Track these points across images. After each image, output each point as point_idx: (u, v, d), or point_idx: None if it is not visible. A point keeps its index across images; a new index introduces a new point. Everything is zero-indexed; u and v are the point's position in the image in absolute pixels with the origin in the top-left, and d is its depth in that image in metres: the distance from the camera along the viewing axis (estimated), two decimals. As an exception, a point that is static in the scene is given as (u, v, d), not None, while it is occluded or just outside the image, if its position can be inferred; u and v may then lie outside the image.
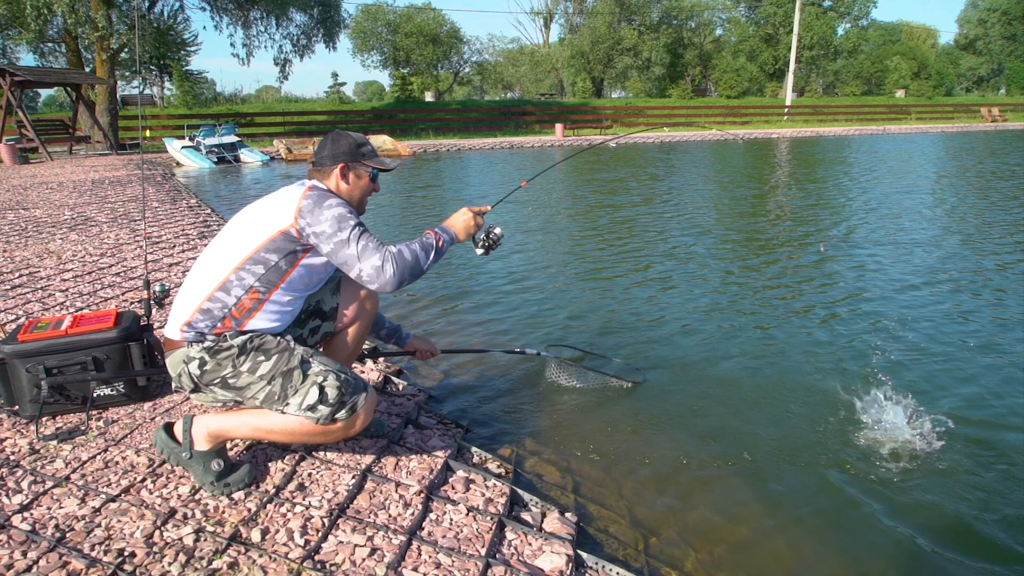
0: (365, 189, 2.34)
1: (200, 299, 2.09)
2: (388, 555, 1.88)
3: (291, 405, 2.05)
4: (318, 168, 2.29)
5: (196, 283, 2.12)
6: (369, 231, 2.12)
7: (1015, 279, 5.55)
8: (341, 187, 2.28)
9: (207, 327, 2.08)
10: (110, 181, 12.55)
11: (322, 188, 2.19)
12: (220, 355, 2.07)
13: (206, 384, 2.10)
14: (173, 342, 2.14)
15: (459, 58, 47.07)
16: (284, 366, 2.08)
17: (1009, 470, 2.70)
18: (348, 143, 2.29)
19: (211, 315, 2.08)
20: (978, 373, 3.61)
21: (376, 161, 2.33)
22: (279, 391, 2.06)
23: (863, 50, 50.72)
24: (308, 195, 2.10)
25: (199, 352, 2.08)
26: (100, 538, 1.91)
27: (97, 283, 4.88)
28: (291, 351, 2.11)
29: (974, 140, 26.86)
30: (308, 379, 2.06)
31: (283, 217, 2.08)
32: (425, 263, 2.14)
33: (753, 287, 5.51)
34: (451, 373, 3.77)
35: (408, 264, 2.08)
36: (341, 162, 2.26)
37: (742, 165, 18.15)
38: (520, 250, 7.10)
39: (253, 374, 2.07)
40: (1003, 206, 9.55)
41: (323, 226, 2.05)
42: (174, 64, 34.61)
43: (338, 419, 2.07)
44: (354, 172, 2.30)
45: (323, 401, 2.05)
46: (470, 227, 2.33)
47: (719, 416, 3.19)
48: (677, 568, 2.15)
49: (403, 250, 2.09)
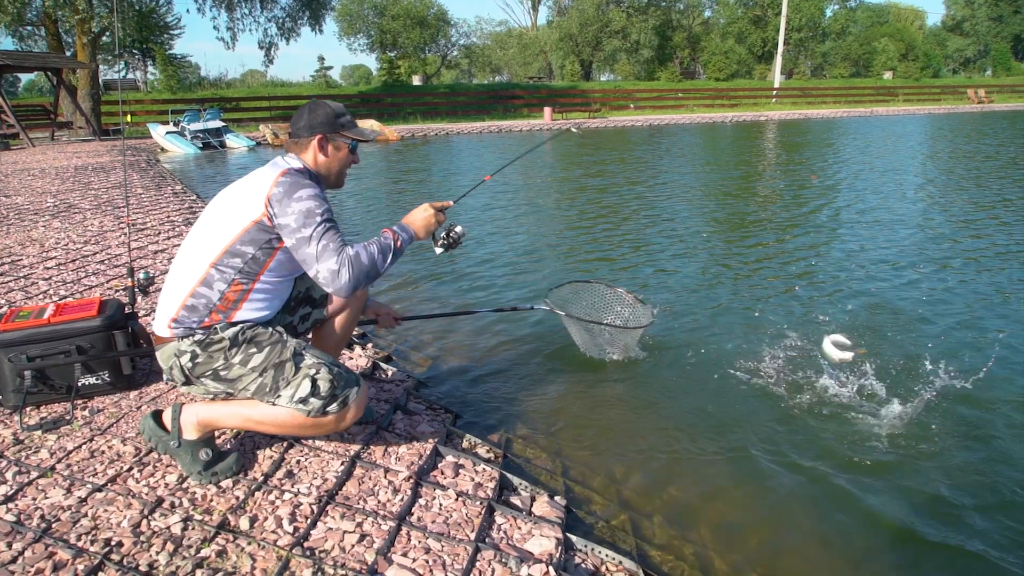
0: (344, 161, 2.26)
1: (183, 295, 2.06)
2: (377, 541, 1.88)
3: (282, 397, 2.04)
4: (295, 140, 2.20)
5: (178, 278, 2.09)
6: (335, 228, 2.01)
7: (996, 257, 5.59)
8: (319, 159, 2.20)
9: (194, 322, 2.06)
10: (93, 167, 12.39)
11: (297, 172, 2.10)
12: (211, 348, 2.06)
13: (197, 377, 2.09)
14: (162, 338, 2.12)
15: (446, 41, 46.73)
16: (276, 358, 2.06)
17: (994, 447, 2.73)
18: (326, 113, 2.20)
19: (196, 311, 2.05)
20: (961, 347, 3.64)
21: (355, 132, 2.25)
22: (271, 383, 2.05)
23: (851, 32, 50.69)
24: (280, 182, 2.02)
25: (190, 345, 2.06)
26: (86, 528, 1.89)
27: (81, 271, 4.83)
28: (283, 343, 2.10)
29: (960, 122, 26.97)
30: (300, 372, 2.05)
31: (255, 206, 2.01)
32: (382, 266, 2.04)
33: (739, 269, 5.52)
34: (440, 358, 3.76)
35: (364, 269, 1.98)
36: (319, 133, 2.17)
37: (731, 148, 18.15)
38: (502, 231, 7.09)
39: (245, 366, 2.06)
40: (988, 186, 9.61)
41: (288, 219, 1.97)
42: (157, 48, 34.05)
43: (329, 412, 2.06)
44: (332, 144, 2.21)
45: (315, 394, 2.04)
46: (430, 224, 2.20)
47: (708, 398, 3.20)
48: (666, 550, 2.16)
49: (360, 253, 1.98)
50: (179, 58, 38.47)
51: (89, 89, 22.44)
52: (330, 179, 2.27)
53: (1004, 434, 2.84)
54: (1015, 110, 36.96)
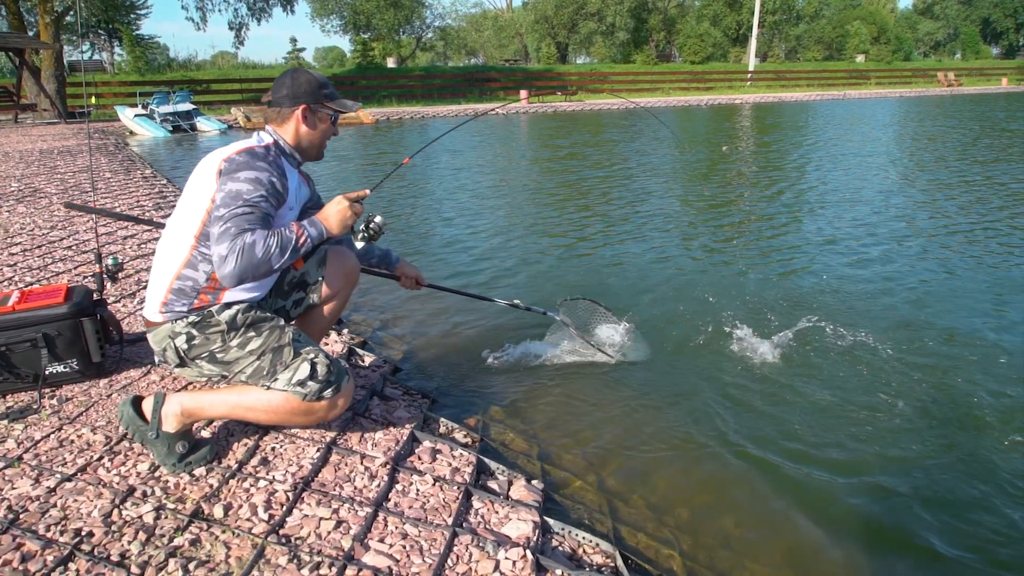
0: (326, 133, 2.21)
1: (170, 278, 2.04)
2: (354, 527, 1.87)
3: (279, 380, 2.04)
4: (276, 109, 2.14)
5: (164, 261, 2.06)
6: (251, 214, 1.88)
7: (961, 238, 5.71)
8: (302, 131, 2.15)
9: (184, 305, 2.04)
10: (59, 151, 12.08)
11: (255, 151, 2.03)
12: (209, 330, 2.05)
13: (193, 358, 2.08)
14: (154, 323, 2.09)
15: (421, 23, 46.12)
16: (276, 343, 2.07)
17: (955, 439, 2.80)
18: (308, 82, 2.13)
19: (184, 294, 2.04)
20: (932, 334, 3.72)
21: (338, 103, 2.20)
22: (268, 366, 2.05)
23: (824, 15, 51.05)
24: (231, 158, 1.97)
25: (185, 327, 2.05)
26: (56, 519, 1.86)
27: (47, 257, 4.72)
28: (282, 329, 2.11)
29: (930, 105, 27.34)
30: (300, 356, 2.06)
31: (211, 183, 1.96)
32: (277, 261, 1.88)
33: (714, 251, 5.56)
34: (416, 344, 3.75)
35: (254, 261, 1.83)
36: (302, 103, 2.12)
37: (706, 130, 18.22)
38: (478, 213, 7.06)
39: (243, 349, 2.06)
40: (948, 167, 9.77)
41: (219, 195, 1.91)
42: (123, 28, 33.25)
43: (324, 397, 2.06)
44: (317, 115, 2.16)
45: (313, 377, 2.04)
46: (346, 218, 2.02)
47: (683, 384, 3.22)
48: (643, 531, 2.18)
49: (257, 243, 1.83)
50: (147, 39, 37.64)
51: (53, 70, 21.80)
52: (311, 151, 2.23)
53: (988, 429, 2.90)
54: (983, 93, 37.60)
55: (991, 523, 2.22)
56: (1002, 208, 7.01)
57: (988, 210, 6.93)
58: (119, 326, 2.86)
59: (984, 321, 3.90)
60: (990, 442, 2.67)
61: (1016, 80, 46.16)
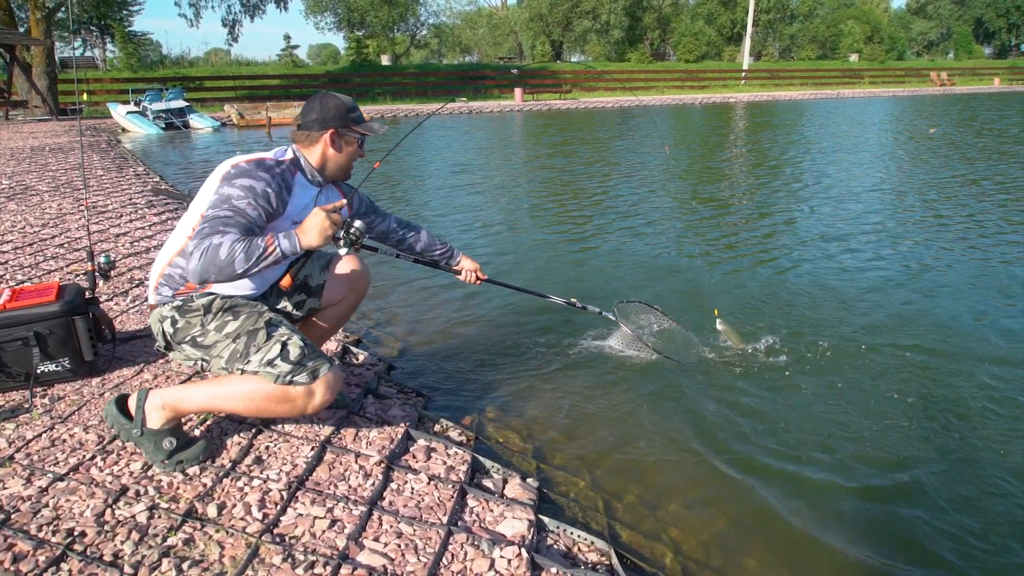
0: (352, 155, 2.29)
1: (163, 264, 2.14)
2: (349, 526, 1.87)
3: (252, 362, 2.03)
4: (305, 132, 2.20)
5: (166, 246, 2.17)
6: (233, 220, 1.91)
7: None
8: (329, 154, 2.22)
9: (170, 291, 2.13)
10: (51, 148, 12.01)
11: (267, 163, 2.09)
12: (189, 314, 2.11)
13: (178, 342, 2.14)
14: (152, 306, 2.19)
15: (415, 20, 46.04)
16: (251, 325, 2.09)
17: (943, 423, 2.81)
18: (337, 107, 2.20)
19: (172, 280, 2.13)
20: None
21: (365, 127, 2.26)
22: (242, 348, 2.06)
23: (818, 14, 51.18)
24: (239, 165, 2.06)
25: (170, 311, 2.12)
26: (48, 519, 1.84)
27: (39, 255, 4.69)
28: (259, 313, 2.13)
29: (923, 104, 27.44)
30: (272, 338, 2.06)
31: (215, 185, 2.04)
32: (242, 267, 1.84)
33: (709, 249, 5.57)
34: (411, 342, 3.74)
35: (218, 264, 1.82)
36: (331, 128, 2.18)
37: (701, 130, 18.25)
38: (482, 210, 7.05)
39: (220, 332, 2.09)
40: (935, 165, 9.82)
41: (214, 197, 1.99)
42: (115, 24, 33.04)
43: (297, 381, 2.02)
44: (344, 139, 2.23)
45: (284, 358, 2.02)
46: (325, 230, 1.94)
47: (677, 382, 3.23)
48: (638, 529, 2.19)
49: (222, 247, 1.82)
50: (139, 35, 37.42)
51: (45, 67, 21.66)
52: (335, 172, 2.29)
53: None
54: (974, 92, 37.77)
55: (983, 522, 2.23)
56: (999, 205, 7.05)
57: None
58: (111, 324, 2.85)
59: (978, 317, 3.92)
60: (985, 441, 2.68)
61: (1008, 80, 46.41)
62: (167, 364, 2.90)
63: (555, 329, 3.81)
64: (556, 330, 3.79)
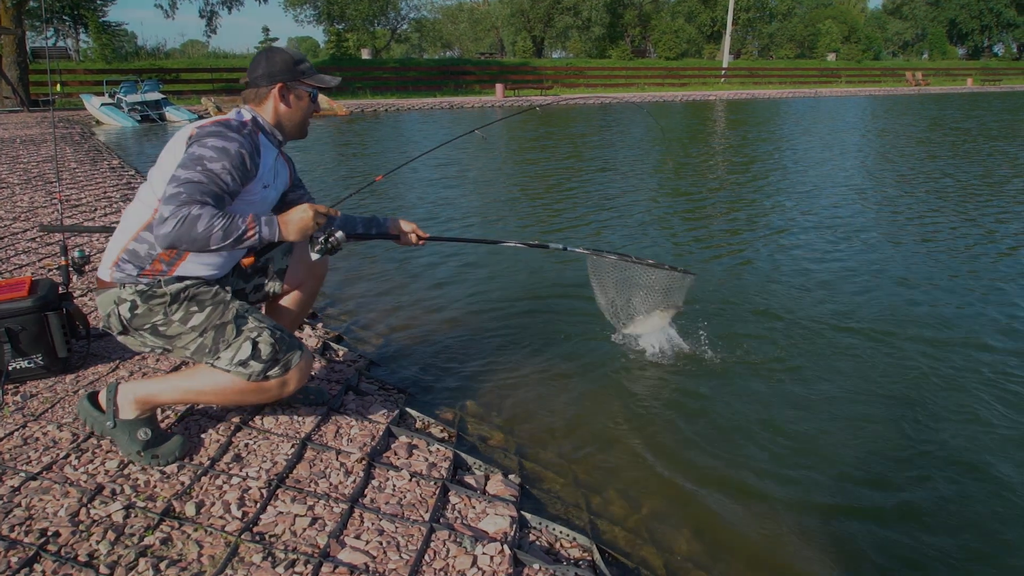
0: (306, 111, 2.18)
1: (126, 239, 2.00)
2: (330, 524, 1.85)
3: (222, 360, 1.99)
4: (253, 88, 2.11)
5: (126, 221, 2.04)
6: (206, 185, 1.83)
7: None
8: (280, 110, 2.13)
9: (135, 269, 2.00)
10: (22, 140, 11.77)
11: (231, 124, 1.98)
12: (152, 301, 2.01)
13: (135, 328, 2.04)
14: (104, 282, 2.06)
15: (396, 14, 45.70)
16: (218, 319, 2.02)
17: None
18: (284, 60, 2.11)
19: (138, 256, 1.99)
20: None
21: (316, 79, 2.17)
22: (211, 344, 2.00)
23: (796, 13, 51.69)
24: (203, 126, 1.94)
25: (131, 295, 2.01)
26: (20, 518, 1.81)
27: (10, 249, 4.59)
28: (226, 304, 2.05)
29: (899, 104, 27.82)
30: (242, 334, 2.00)
31: (180, 150, 1.93)
32: (217, 243, 1.80)
33: (693, 247, 5.60)
34: (392, 338, 3.72)
35: (192, 235, 1.77)
36: (279, 82, 2.09)
37: (682, 126, 18.34)
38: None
39: (184, 324, 2.01)
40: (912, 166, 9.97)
41: (184, 157, 1.87)
42: (89, 14, 32.41)
43: (270, 376, 2.01)
44: (293, 93, 2.13)
45: (255, 357, 1.99)
46: (307, 226, 1.93)
47: (658, 379, 3.24)
48: (620, 525, 2.19)
49: (202, 219, 1.77)
50: (113, 26, 36.75)
51: (15, 57, 21.19)
52: (292, 131, 2.20)
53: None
54: (948, 93, 38.38)
55: (974, 520, 2.27)
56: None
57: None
58: (86, 320, 2.79)
59: (965, 314, 3.98)
60: (978, 439, 2.72)
61: (980, 80, 47.23)
62: (143, 360, 2.85)
63: (537, 322, 3.81)
64: (538, 323, 3.80)
